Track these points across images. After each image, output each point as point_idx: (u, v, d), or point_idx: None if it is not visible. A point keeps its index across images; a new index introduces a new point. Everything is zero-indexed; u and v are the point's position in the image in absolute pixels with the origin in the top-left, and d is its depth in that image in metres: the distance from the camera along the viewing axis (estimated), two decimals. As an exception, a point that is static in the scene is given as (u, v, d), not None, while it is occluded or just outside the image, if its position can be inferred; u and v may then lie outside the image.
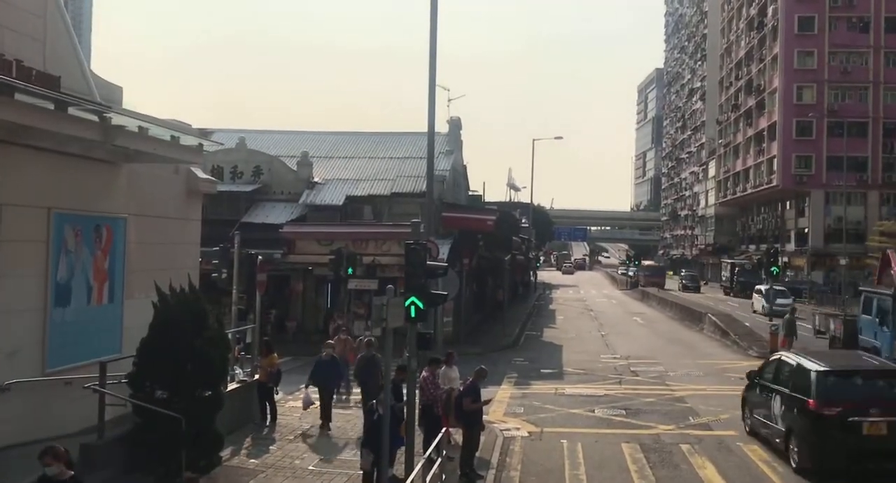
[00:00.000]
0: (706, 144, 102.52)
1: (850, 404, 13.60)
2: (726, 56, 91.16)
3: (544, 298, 64.76)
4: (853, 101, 68.78)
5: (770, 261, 32.76)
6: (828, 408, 13.57)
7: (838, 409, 13.51)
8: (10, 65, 11.71)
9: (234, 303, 19.86)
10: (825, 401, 13.70)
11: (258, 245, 26.07)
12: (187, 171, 17.03)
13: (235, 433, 15.51)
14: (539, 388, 23.11)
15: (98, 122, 12.85)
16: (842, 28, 69.39)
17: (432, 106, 16.56)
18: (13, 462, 11.46)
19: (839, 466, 13.49)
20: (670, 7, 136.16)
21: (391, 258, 29.29)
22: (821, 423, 13.59)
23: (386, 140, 40.63)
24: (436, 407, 14.59)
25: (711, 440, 16.56)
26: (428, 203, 18.63)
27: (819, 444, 13.68)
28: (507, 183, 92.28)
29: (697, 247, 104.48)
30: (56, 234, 13.19)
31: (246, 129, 39.50)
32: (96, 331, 14.19)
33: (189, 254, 17.27)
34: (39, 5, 14.38)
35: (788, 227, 73.98)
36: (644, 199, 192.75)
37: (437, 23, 16.90)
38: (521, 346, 33.83)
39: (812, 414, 13.77)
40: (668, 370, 26.30)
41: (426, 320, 12.95)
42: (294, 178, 35.58)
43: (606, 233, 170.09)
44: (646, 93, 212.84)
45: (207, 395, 12.48)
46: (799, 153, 69.03)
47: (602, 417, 18.89)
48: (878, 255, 48.73)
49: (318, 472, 13.82)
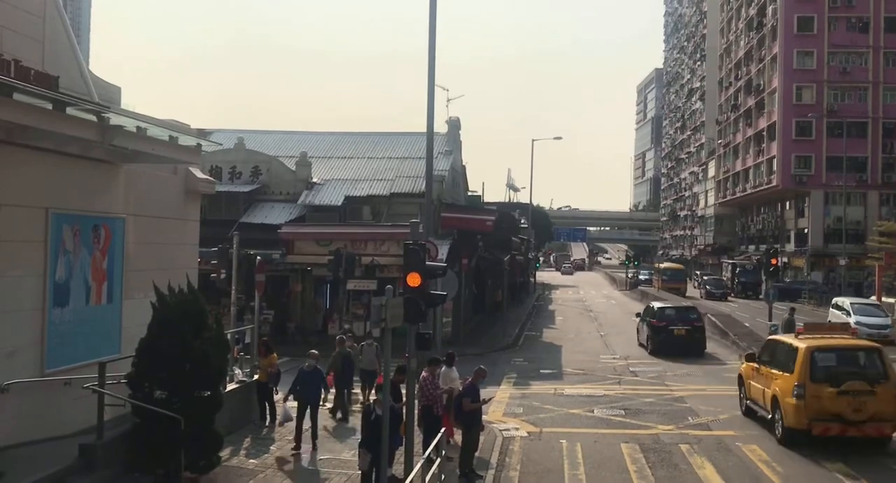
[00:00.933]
0: (706, 144, 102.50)
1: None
2: (726, 56, 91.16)
3: (544, 299, 64.72)
4: (853, 101, 68.74)
5: (769, 261, 32.78)
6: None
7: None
8: (8, 64, 11.71)
9: (232, 303, 19.87)
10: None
11: (257, 245, 26.07)
12: (186, 172, 17.01)
13: (235, 433, 15.50)
14: (538, 388, 23.10)
15: (96, 122, 12.86)
16: (841, 28, 69.37)
17: (431, 106, 16.52)
18: (13, 462, 11.46)
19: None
20: (669, 7, 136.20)
21: (390, 258, 29.30)
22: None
23: (385, 140, 40.62)
24: (435, 407, 14.59)
25: (711, 440, 16.55)
26: (427, 203, 18.57)
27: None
28: (507, 183, 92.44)
29: (697, 247, 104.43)
30: (54, 234, 13.18)
31: (244, 130, 39.47)
32: (95, 331, 14.18)
33: (188, 254, 17.27)
34: (38, 6, 14.39)
35: (788, 227, 73.95)
36: (643, 200, 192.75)
37: (435, 22, 16.88)
38: (520, 346, 33.81)
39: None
40: (666, 370, 26.30)
41: (425, 321, 12.94)
42: (293, 178, 35.57)
43: (606, 233, 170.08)
44: (645, 93, 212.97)
45: (206, 395, 12.48)
46: (798, 153, 69.00)
47: (601, 417, 18.88)
48: (878, 255, 48.87)
49: (318, 472, 13.81)
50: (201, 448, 12.31)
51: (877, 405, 15.15)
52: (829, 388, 15.25)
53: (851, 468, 14.31)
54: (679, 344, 29.96)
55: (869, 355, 16.31)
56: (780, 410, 15.99)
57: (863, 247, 58.04)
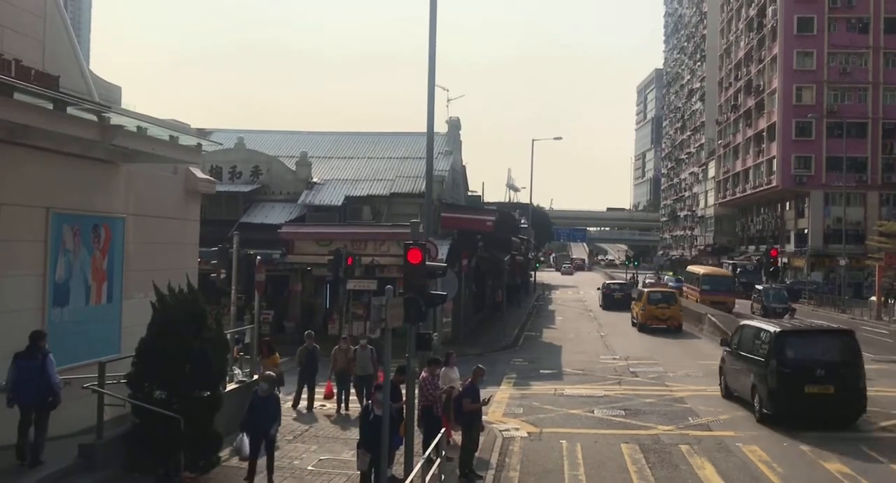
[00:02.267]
0: (706, 145, 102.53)
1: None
2: (726, 57, 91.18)
3: (543, 299, 64.68)
4: (852, 101, 68.78)
5: (769, 261, 32.74)
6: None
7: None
8: (9, 64, 11.71)
9: (232, 303, 19.86)
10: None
11: (257, 245, 26.06)
12: (186, 171, 17.01)
13: (235, 433, 15.46)
14: (538, 388, 23.09)
15: (97, 122, 12.85)
16: (841, 29, 69.42)
17: (431, 106, 16.50)
18: (13, 462, 11.45)
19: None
20: (669, 8, 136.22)
21: (390, 258, 29.29)
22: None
23: (385, 140, 40.62)
24: (435, 407, 14.58)
25: (711, 441, 16.54)
26: (427, 203, 18.55)
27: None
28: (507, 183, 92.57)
29: (697, 247, 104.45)
30: (54, 233, 13.18)
31: (245, 130, 39.49)
32: (95, 331, 14.18)
33: (188, 254, 17.26)
34: (39, 5, 14.39)
35: (788, 227, 73.96)
36: (643, 200, 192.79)
37: (436, 22, 16.87)
38: (520, 346, 33.80)
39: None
40: (667, 371, 26.29)
41: (425, 321, 12.93)
42: (293, 178, 35.57)
43: (606, 233, 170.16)
44: (645, 93, 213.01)
45: (206, 395, 12.48)
46: (798, 154, 69.03)
47: (601, 418, 18.87)
48: (878, 255, 48.88)
49: (318, 472, 13.79)
50: (201, 448, 12.30)
51: (670, 313, 38.86)
52: (651, 306, 39.35)
53: (852, 468, 14.32)
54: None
55: (670, 295, 41.20)
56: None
57: (863, 247, 58.08)
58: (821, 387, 17.29)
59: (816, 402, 17.38)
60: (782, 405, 17.59)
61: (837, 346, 18.38)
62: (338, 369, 19.03)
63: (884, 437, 16.94)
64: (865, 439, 16.64)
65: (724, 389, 21.09)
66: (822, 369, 17.50)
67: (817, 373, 17.45)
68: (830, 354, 18.12)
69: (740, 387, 19.82)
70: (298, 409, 18.54)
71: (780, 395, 17.55)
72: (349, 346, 19.26)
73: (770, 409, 17.75)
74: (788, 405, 17.54)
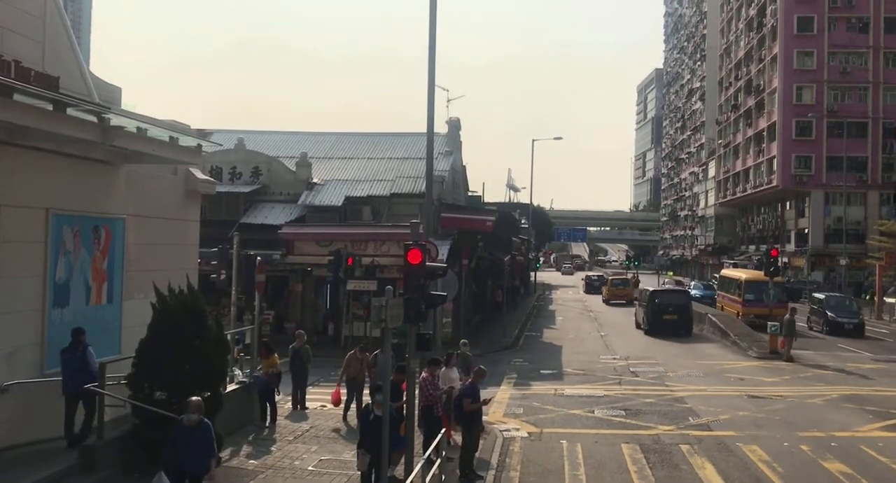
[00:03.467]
0: (706, 145, 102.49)
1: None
2: (726, 56, 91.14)
3: (544, 299, 64.65)
4: (853, 101, 68.75)
5: (770, 261, 32.70)
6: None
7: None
8: (8, 65, 11.70)
9: (232, 303, 19.86)
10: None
11: (257, 246, 26.06)
12: (186, 172, 17.01)
13: (235, 434, 15.49)
14: (539, 388, 23.08)
15: (97, 123, 12.85)
16: (841, 28, 69.38)
17: (431, 106, 16.49)
18: (12, 463, 11.46)
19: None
20: (669, 7, 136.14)
21: (390, 259, 29.27)
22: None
23: (385, 141, 40.60)
24: (435, 408, 14.58)
25: (711, 440, 16.55)
26: (427, 204, 18.54)
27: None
28: (507, 183, 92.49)
29: (697, 247, 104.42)
30: (55, 234, 13.18)
31: (245, 130, 39.45)
32: (95, 331, 14.15)
33: (188, 254, 17.26)
34: (39, 6, 14.38)
35: (788, 227, 73.92)
36: (643, 200, 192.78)
37: (436, 22, 16.87)
38: (520, 346, 33.79)
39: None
40: (667, 371, 26.29)
41: (425, 321, 12.93)
42: (293, 178, 35.54)
43: (606, 233, 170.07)
44: (645, 93, 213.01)
45: (206, 395, 12.46)
46: (798, 153, 69.00)
47: (602, 418, 18.87)
48: (879, 254, 48.82)
49: (318, 472, 13.79)
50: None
51: (625, 292, 58.36)
52: (613, 288, 60.71)
53: (852, 468, 14.33)
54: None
55: (625, 281, 63.05)
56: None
57: (863, 247, 58.05)
58: (670, 316, 36.72)
59: (668, 323, 36.47)
60: (652, 325, 37.10)
61: (679, 297, 39.27)
62: (349, 376, 18.30)
63: (883, 437, 16.96)
64: (865, 439, 16.67)
65: (635, 322, 40.69)
66: (671, 308, 37.16)
67: (669, 309, 36.97)
68: (675, 300, 38.23)
69: (639, 319, 39.87)
70: (292, 409, 18.48)
71: (652, 320, 37.27)
72: (365, 355, 18.37)
73: (647, 327, 37.62)
74: (656, 325, 36.84)
